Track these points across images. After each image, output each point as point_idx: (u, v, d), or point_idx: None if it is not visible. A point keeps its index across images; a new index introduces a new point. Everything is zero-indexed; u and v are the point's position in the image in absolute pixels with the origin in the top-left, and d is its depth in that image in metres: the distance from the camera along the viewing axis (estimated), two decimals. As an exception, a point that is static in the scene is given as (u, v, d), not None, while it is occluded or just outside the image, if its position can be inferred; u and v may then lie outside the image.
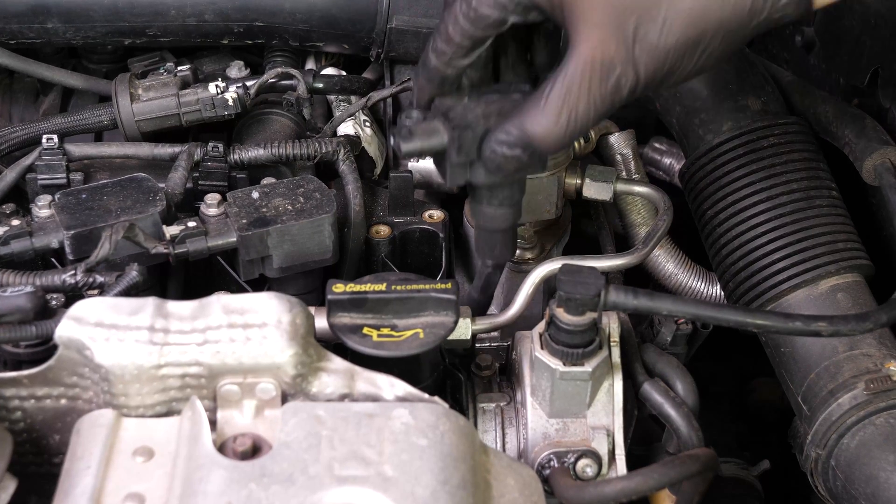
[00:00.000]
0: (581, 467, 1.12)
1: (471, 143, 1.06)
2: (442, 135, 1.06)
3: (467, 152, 1.06)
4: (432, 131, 1.06)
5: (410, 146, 1.07)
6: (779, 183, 1.30)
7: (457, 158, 1.06)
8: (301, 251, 1.17)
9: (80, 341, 0.94)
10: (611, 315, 1.15)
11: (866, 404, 1.19)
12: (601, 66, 0.99)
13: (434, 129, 1.06)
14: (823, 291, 1.26)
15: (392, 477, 0.90)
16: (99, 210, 1.15)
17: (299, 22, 1.33)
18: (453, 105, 1.08)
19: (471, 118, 1.07)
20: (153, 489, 0.91)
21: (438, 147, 1.07)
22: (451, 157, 1.07)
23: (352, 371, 0.98)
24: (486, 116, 1.07)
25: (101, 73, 1.42)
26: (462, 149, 1.06)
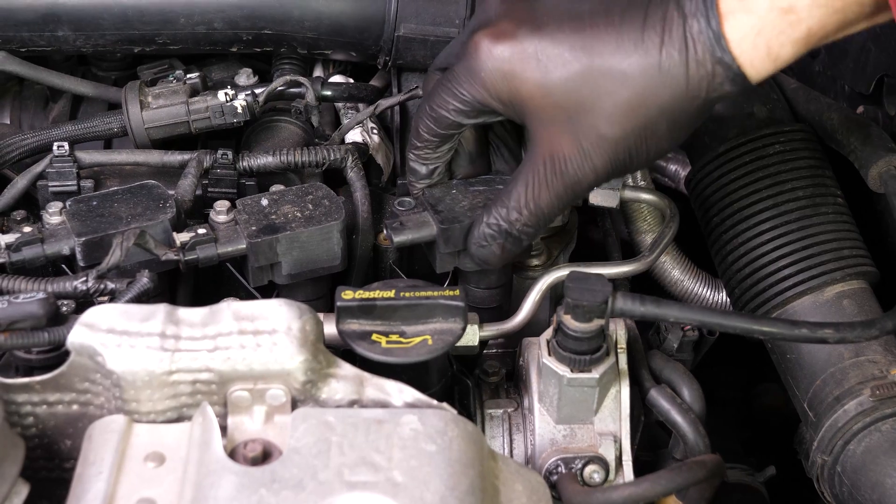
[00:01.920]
0: (588, 473, 1.12)
1: (458, 235, 1.16)
2: (431, 227, 1.17)
3: (455, 244, 1.16)
4: (422, 224, 1.17)
5: (402, 238, 1.17)
6: (784, 190, 1.31)
7: (445, 249, 1.17)
8: (310, 258, 1.18)
9: (92, 347, 0.95)
10: (618, 322, 1.15)
11: (872, 410, 1.19)
12: (556, 160, 1.08)
13: (423, 222, 1.17)
14: (829, 298, 1.27)
15: (401, 483, 0.90)
16: (109, 217, 1.16)
17: (307, 30, 1.34)
18: (441, 197, 1.19)
19: (458, 210, 1.17)
20: (164, 494, 0.91)
21: (428, 238, 1.18)
22: (440, 248, 1.17)
23: (361, 377, 0.99)
24: (472, 209, 1.17)
25: (111, 80, 1.43)
26: (450, 241, 1.17)
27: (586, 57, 1.05)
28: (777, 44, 1.00)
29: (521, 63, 1.07)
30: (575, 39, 1.06)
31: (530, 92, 1.07)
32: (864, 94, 1.43)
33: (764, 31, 1.00)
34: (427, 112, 1.14)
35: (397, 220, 1.18)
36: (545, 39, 1.06)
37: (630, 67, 1.04)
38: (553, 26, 1.06)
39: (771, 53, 1.01)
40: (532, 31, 1.07)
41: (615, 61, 1.04)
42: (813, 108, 1.40)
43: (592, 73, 1.05)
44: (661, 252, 1.27)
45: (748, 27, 1.00)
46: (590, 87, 1.05)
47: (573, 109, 1.06)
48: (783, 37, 1.00)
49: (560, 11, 1.07)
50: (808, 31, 0.99)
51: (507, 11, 1.09)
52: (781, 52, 1.01)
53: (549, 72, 1.06)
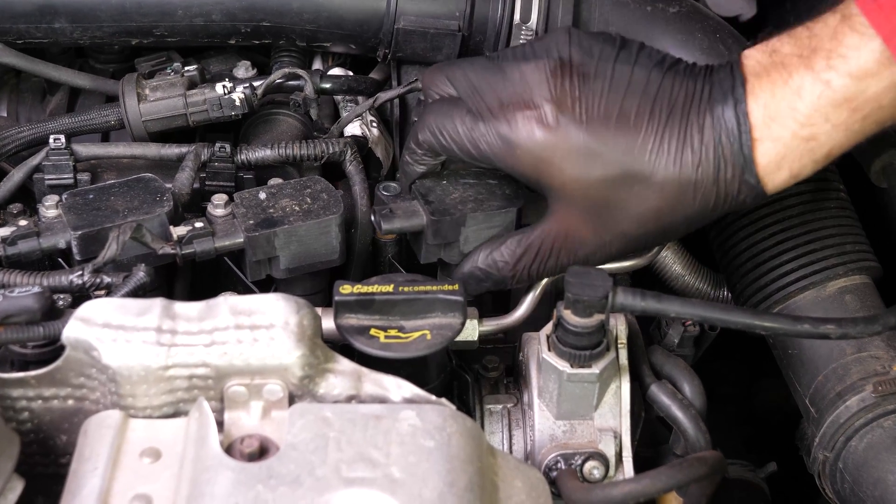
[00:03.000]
0: (588, 469, 1.12)
1: (447, 227, 1.16)
2: (421, 217, 1.17)
3: (443, 236, 1.16)
4: (412, 213, 1.17)
5: (391, 226, 1.17)
6: (787, 184, 1.30)
7: (433, 240, 1.17)
8: (308, 252, 1.17)
9: (88, 342, 0.94)
10: (618, 317, 1.15)
11: (874, 407, 1.19)
12: (572, 241, 1.13)
13: (413, 211, 1.17)
14: (831, 293, 1.26)
15: (399, 479, 0.90)
16: (106, 210, 1.15)
17: (306, 22, 1.33)
18: (432, 187, 1.19)
19: (448, 202, 1.17)
20: (160, 490, 0.91)
21: (417, 228, 1.17)
22: (428, 239, 1.17)
23: (359, 372, 0.98)
24: (462, 201, 1.17)
25: (108, 72, 1.42)
26: (438, 233, 1.17)
27: (628, 161, 1.08)
28: (798, 166, 1.07)
29: (562, 155, 1.09)
30: (619, 141, 1.08)
31: (562, 181, 1.10)
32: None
33: (788, 157, 1.07)
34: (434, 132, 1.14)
35: (387, 207, 1.18)
36: (590, 136, 1.08)
37: (666, 180, 1.08)
38: (599, 123, 1.08)
39: (792, 173, 1.08)
40: (577, 125, 1.08)
41: (655, 171, 1.08)
42: (816, 101, 1.39)
43: (630, 177, 1.08)
44: (663, 247, 1.27)
45: (773, 153, 1.06)
46: (625, 189, 1.09)
47: (601, 205, 1.10)
48: (805, 159, 1.07)
49: (607, 106, 1.08)
50: (828, 152, 1.07)
51: (554, 94, 1.09)
52: (802, 172, 1.08)
53: (588, 170, 1.08)
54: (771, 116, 1.05)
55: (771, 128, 1.06)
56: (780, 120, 1.05)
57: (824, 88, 1.03)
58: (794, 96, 1.04)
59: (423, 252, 1.19)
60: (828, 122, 1.04)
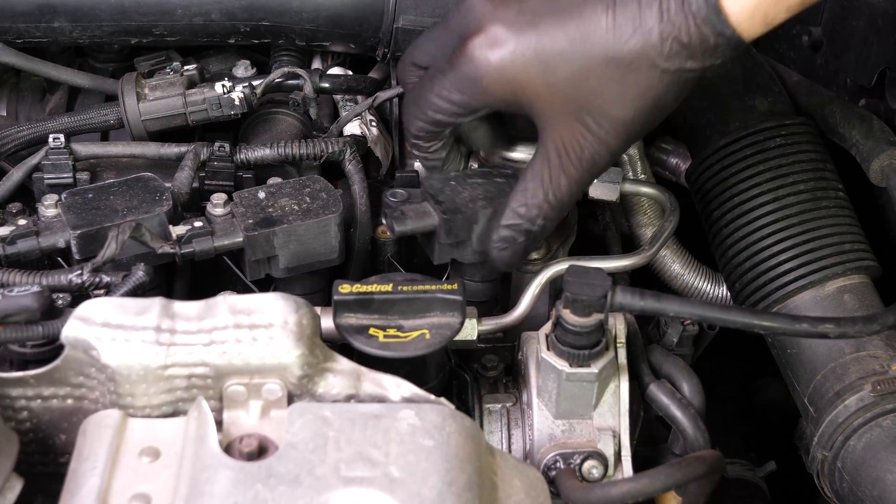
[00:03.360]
0: (587, 468, 1.12)
1: (460, 225, 1.16)
2: (432, 217, 1.17)
3: (456, 235, 1.16)
4: (423, 213, 1.17)
5: (403, 227, 1.16)
6: (786, 184, 1.30)
7: (446, 239, 1.17)
8: (307, 251, 1.17)
9: (87, 341, 0.94)
10: (617, 316, 1.15)
11: (873, 406, 1.19)
12: (571, 149, 1.09)
13: (425, 212, 1.17)
14: (830, 293, 1.26)
15: (398, 478, 0.90)
16: (105, 210, 1.15)
17: (306, 21, 1.33)
18: (441, 188, 1.18)
19: (459, 201, 1.17)
20: (159, 489, 0.91)
21: (429, 228, 1.17)
22: (441, 238, 1.17)
23: (358, 372, 0.98)
24: (472, 200, 1.17)
25: (108, 72, 1.42)
26: (451, 232, 1.16)
27: (587, 47, 1.05)
28: (774, 12, 1.02)
29: (524, 66, 1.07)
30: (573, 32, 1.05)
31: (536, 91, 1.07)
32: (867, 87, 1.42)
33: (762, 4, 1.02)
34: (418, 114, 1.13)
35: (397, 209, 1.18)
36: (543, 37, 1.06)
37: (631, 52, 1.04)
38: (548, 22, 1.06)
39: (767, 20, 1.03)
40: (528, 31, 1.06)
41: (615, 47, 1.04)
42: (815, 101, 1.39)
43: (596, 63, 1.05)
44: (662, 246, 1.27)
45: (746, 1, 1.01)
46: (596, 76, 1.05)
47: (583, 100, 1.07)
48: (780, 5, 1.02)
49: (552, 4, 1.07)
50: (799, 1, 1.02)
51: (496, 14, 1.08)
52: (777, 19, 1.03)
53: (553, 70, 1.06)
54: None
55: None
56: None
57: None
58: None
59: (437, 252, 1.19)
60: None
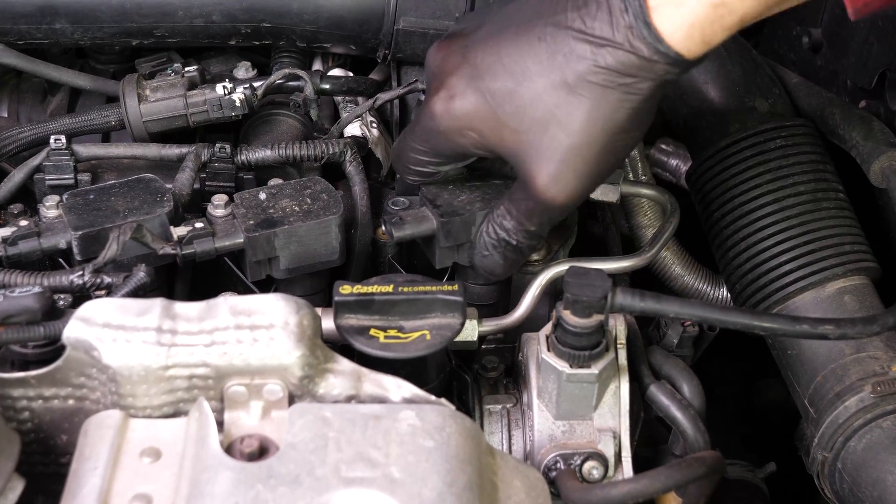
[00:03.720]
0: (587, 469, 1.12)
1: (458, 228, 1.17)
2: (431, 221, 1.18)
3: (455, 237, 1.17)
4: (422, 218, 1.18)
5: (402, 233, 1.17)
6: (786, 185, 1.30)
7: (445, 243, 1.17)
8: (308, 252, 1.17)
9: (88, 342, 0.94)
10: (617, 317, 1.15)
11: (873, 407, 1.19)
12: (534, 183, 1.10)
13: (423, 217, 1.18)
14: (830, 294, 1.26)
15: (399, 479, 0.90)
16: (107, 211, 1.15)
17: (306, 23, 1.33)
18: (439, 192, 1.19)
19: (457, 204, 1.18)
20: (160, 490, 0.91)
21: (428, 233, 1.18)
22: (440, 242, 1.18)
23: (358, 373, 0.98)
24: (470, 202, 1.18)
25: (109, 73, 1.42)
26: (450, 235, 1.17)
27: (527, 81, 1.07)
28: (710, 32, 1.02)
29: (475, 111, 1.09)
30: (512, 67, 1.07)
31: (489, 137, 1.10)
32: (867, 88, 1.42)
33: (697, 24, 1.02)
34: (404, 170, 1.18)
35: (396, 215, 1.18)
36: (487, 79, 1.08)
37: (569, 76, 1.05)
38: (489, 62, 1.08)
39: (705, 40, 1.03)
40: (474, 77, 1.09)
41: (553, 75, 1.06)
42: (815, 102, 1.39)
43: (538, 94, 1.06)
44: (662, 247, 1.27)
45: (678, 20, 1.02)
46: (538, 109, 1.07)
47: (531, 134, 1.08)
48: (716, 26, 1.02)
49: (489, 46, 1.09)
50: (741, 18, 1.02)
51: (443, 66, 1.11)
52: (714, 38, 1.03)
53: (502, 108, 1.08)
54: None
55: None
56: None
57: None
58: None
59: (438, 256, 1.19)
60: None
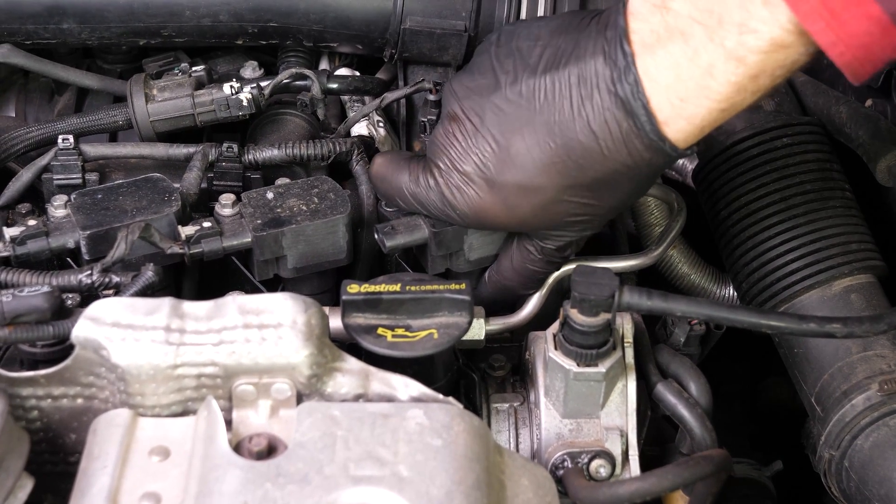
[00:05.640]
0: (594, 468, 1.12)
1: (450, 237, 1.17)
2: (423, 230, 1.18)
3: (447, 246, 1.17)
4: (414, 227, 1.18)
5: (394, 242, 1.17)
6: (792, 184, 1.30)
7: (437, 252, 1.18)
8: (315, 251, 1.17)
9: (97, 341, 0.94)
10: (624, 316, 1.15)
11: (880, 405, 1.19)
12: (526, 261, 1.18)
13: (415, 225, 1.18)
14: (837, 292, 1.26)
15: (407, 477, 0.90)
16: (114, 210, 1.16)
17: (313, 22, 1.33)
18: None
19: None
20: (169, 488, 0.91)
21: (420, 241, 1.18)
22: (432, 251, 1.18)
23: (366, 371, 0.99)
24: None
25: (116, 73, 1.42)
26: (442, 244, 1.18)
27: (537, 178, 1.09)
28: (709, 127, 1.05)
29: (485, 206, 1.11)
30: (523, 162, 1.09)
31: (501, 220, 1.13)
32: (873, 87, 1.42)
33: (706, 127, 1.05)
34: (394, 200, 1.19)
35: (388, 224, 1.18)
36: (498, 175, 1.09)
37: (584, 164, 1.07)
38: (501, 155, 1.10)
39: (703, 133, 1.06)
40: (486, 172, 1.10)
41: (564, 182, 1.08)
42: (821, 101, 1.39)
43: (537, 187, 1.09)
44: (669, 246, 1.27)
45: (689, 129, 1.04)
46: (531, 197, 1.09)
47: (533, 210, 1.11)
48: (718, 120, 1.05)
49: (497, 139, 1.10)
50: (749, 107, 1.04)
51: (450, 154, 1.12)
52: (714, 125, 1.05)
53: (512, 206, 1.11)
54: (681, 98, 1.02)
55: (682, 109, 1.02)
56: (693, 101, 1.02)
57: (737, 65, 0.99)
58: (705, 76, 1.00)
59: (430, 264, 1.20)
60: (745, 91, 1.01)
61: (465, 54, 1.32)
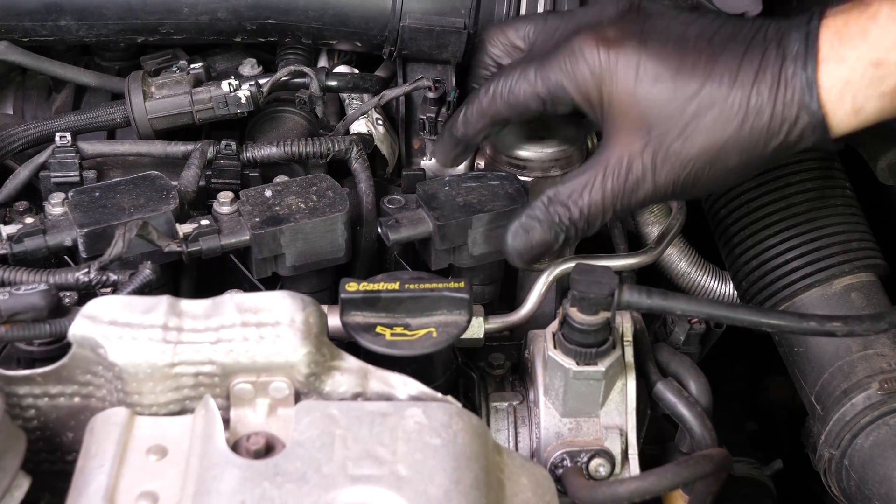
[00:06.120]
0: (594, 467, 1.12)
1: (454, 231, 1.17)
2: (427, 224, 1.17)
3: (451, 240, 1.17)
4: (417, 221, 1.17)
5: (398, 235, 1.17)
6: (792, 182, 1.30)
7: (441, 245, 1.17)
8: (314, 249, 1.17)
9: (94, 339, 0.94)
10: (624, 314, 1.15)
11: (880, 404, 1.19)
12: (623, 167, 1.10)
13: (419, 219, 1.17)
14: (837, 291, 1.26)
15: (405, 476, 0.90)
16: (112, 208, 1.15)
17: (312, 20, 1.33)
18: (435, 193, 1.19)
19: (453, 207, 1.17)
20: (167, 488, 0.91)
21: (424, 235, 1.17)
22: (436, 245, 1.17)
23: (365, 370, 0.98)
24: (466, 205, 1.18)
25: (114, 70, 1.42)
26: (446, 238, 1.17)
27: (680, 76, 1.07)
28: (863, 96, 1.04)
29: (618, 69, 1.09)
30: (674, 60, 1.08)
31: (620, 99, 1.09)
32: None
33: (852, 83, 1.03)
34: (502, 93, 1.13)
35: (392, 217, 1.18)
36: (647, 53, 1.09)
37: (718, 95, 1.06)
38: (658, 44, 1.09)
39: (855, 106, 1.04)
40: (636, 44, 1.09)
41: (707, 88, 1.07)
42: (822, 99, 1.39)
43: (683, 94, 1.07)
44: (668, 244, 1.27)
45: (837, 77, 1.03)
46: (675, 104, 1.07)
47: (654, 122, 1.08)
48: (870, 90, 1.03)
49: (668, 34, 1.10)
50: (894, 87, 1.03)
51: (618, 21, 1.11)
52: (866, 105, 1.04)
53: (644, 85, 1.08)
54: (840, 39, 1.03)
55: (838, 50, 1.03)
56: (850, 41, 1.02)
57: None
58: (868, 21, 1.02)
59: (433, 258, 1.19)
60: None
61: (464, 52, 1.32)
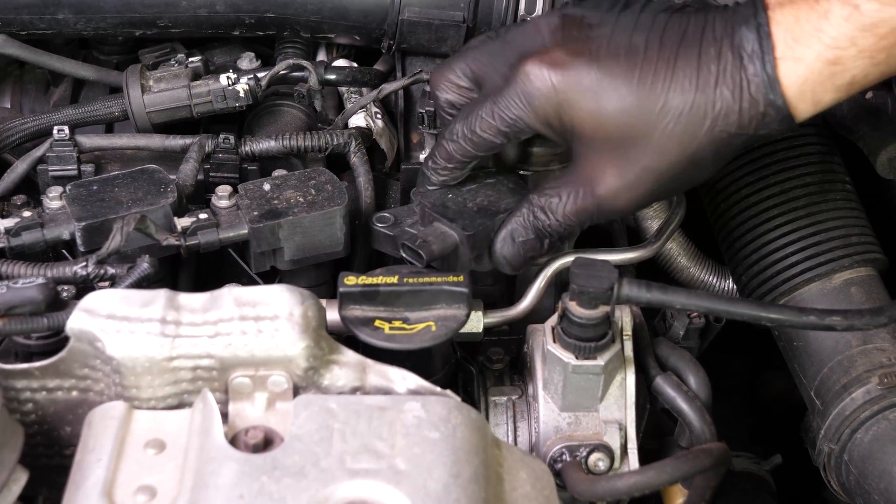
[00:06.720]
0: (593, 461, 1.12)
1: (481, 239, 1.15)
2: (453, 235, 1.15)
3: (478, 248, 1.15)
4: (443, 234, 1.15)
5: (433, 254, 1.14)
6: (792, 176, 1.30)
7: (470, 255, 1.15)
8: (312, 243, 1.17)
9: (92, 333, 0.94)
10: (623, 308, 1.14)
11: (880, 399, 1.18)
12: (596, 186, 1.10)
13: (443, 232, 1.15)
14: (837, 285, 1.26)
15: (404, 470, 0.89)
16: (110, 201, 1.15)
17: (311, 13, 1.33)
18: (443, 204, 1.16)
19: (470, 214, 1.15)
20: (165, 482, 0.90)
21: (453, 247, 1.15)
22: (464, 255, 1.15)
23: (363, 364, 0.98)
24: (480, 209, 1.16)
25: (112, 64, 1.42)
26: (475, 246, 1.15)
27: (641, 91, 1.07)
28: (821, 90, 1.05)
29: (576, 94, 1.08)
30: (630, 73, 1.07)
31: (582, 121, 1.09)
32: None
33: (810, 80, 1.04)
34: (465, 135, 1.13)
35: (416, 237, 1.15)
36: (601, 72, 1.08)
37: (684, 104, 1.06)
38: (609, 59, 1.08)
39: (815, 98, 1.05)
40: (588, 63, 1.08)
41: (669, 97, 1.06)
42: (821, 93, 1.39)
43: (646, 107, 1.07)
44: (668, 238, 1.27)
45: (797, 75, 1.04)
46: (642, 120, 1.07)
47: (622, 140, 1.08)
48: (827, 84, 1.04)
49: (615, 44, 1.08)
50: (851, 80, 1.04)
51: (561, 41, 1.10)
52: (824, 98, 1.05)
53: (604, 104, 1.08)
54: (795, 38, 1.03)
55: (794, 49, 1.03)
56: (805, 41, 1.03)
57: (852, 11, 1.00)
58: (820, 19, 1.02)
59: (460, 268, 1.17)
60: (854, 47, 1.02)
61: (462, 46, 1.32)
